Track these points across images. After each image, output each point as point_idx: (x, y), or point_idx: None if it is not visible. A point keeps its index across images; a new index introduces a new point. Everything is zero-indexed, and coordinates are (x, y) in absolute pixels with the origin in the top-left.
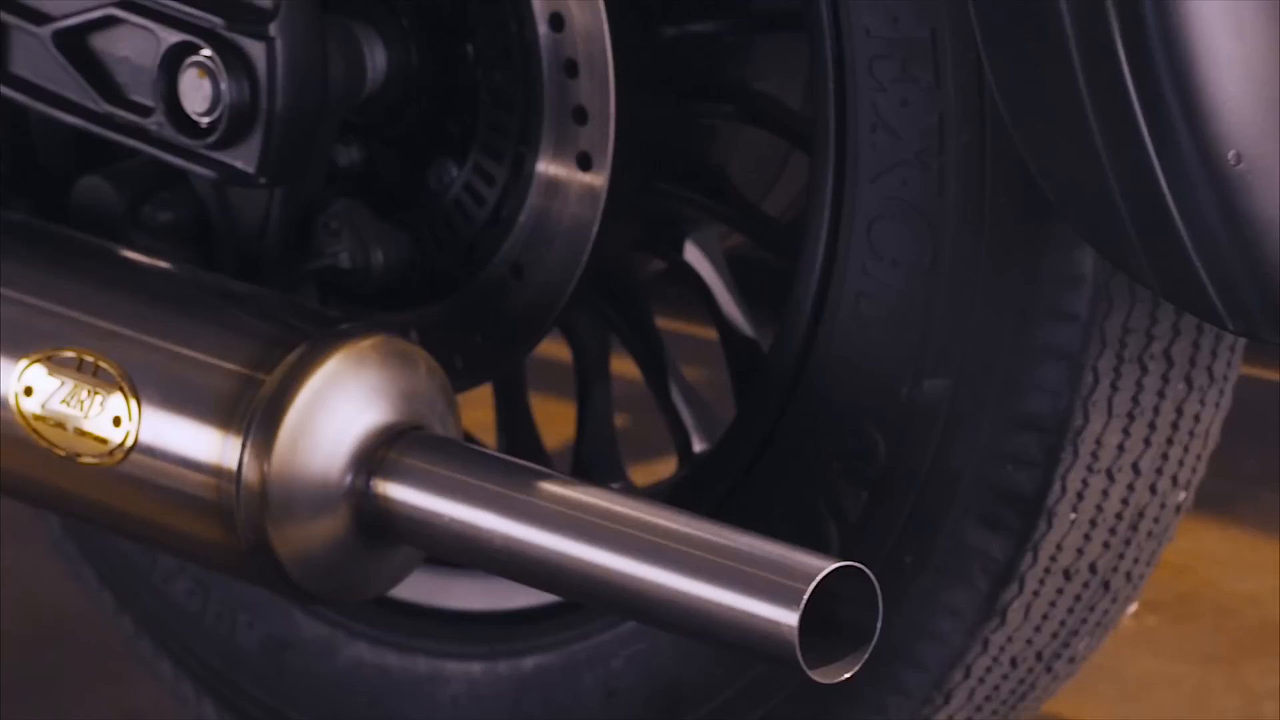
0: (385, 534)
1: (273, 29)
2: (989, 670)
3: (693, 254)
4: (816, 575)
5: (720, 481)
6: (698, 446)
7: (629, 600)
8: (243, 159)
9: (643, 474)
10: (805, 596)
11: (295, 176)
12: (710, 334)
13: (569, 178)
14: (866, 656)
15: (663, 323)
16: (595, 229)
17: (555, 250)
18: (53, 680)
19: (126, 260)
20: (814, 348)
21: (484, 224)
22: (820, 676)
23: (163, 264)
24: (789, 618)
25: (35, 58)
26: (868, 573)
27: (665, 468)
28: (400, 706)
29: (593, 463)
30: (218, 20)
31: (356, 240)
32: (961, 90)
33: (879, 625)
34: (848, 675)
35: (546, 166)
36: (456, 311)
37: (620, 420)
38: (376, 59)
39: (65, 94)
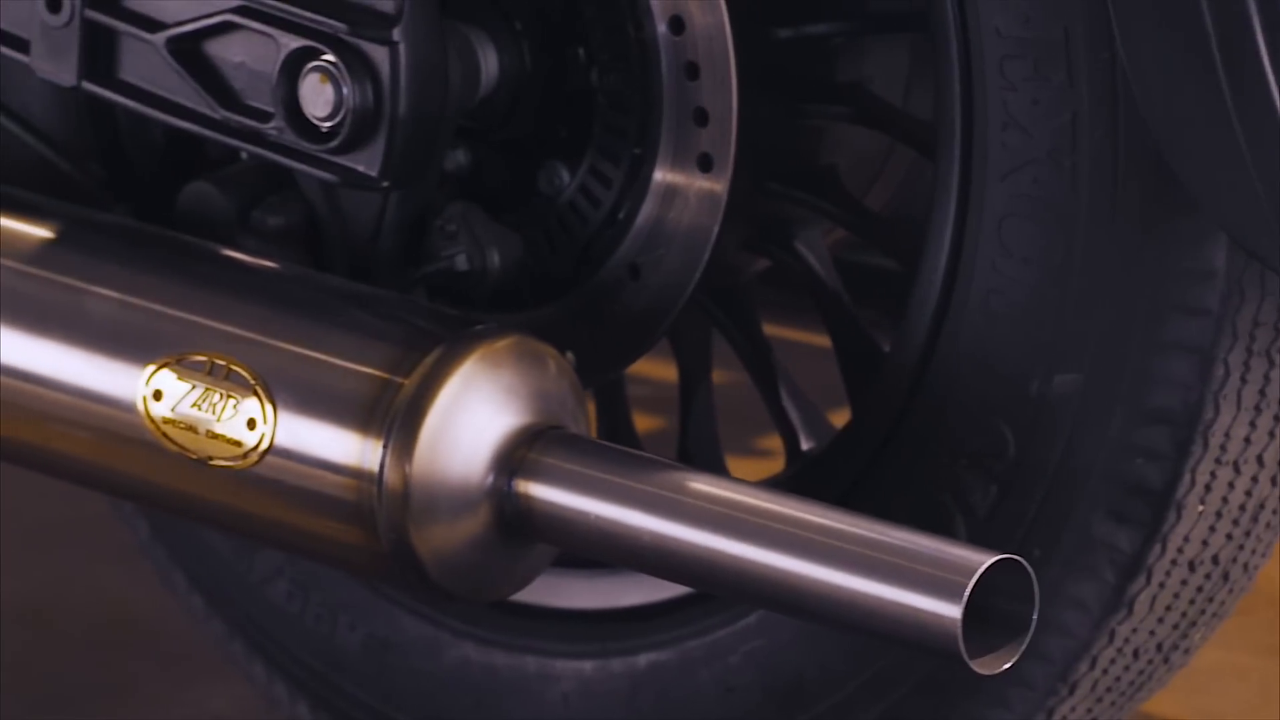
0: (525, 533)
1: (396, 33)
2: (1113, 662)
3: (804, 254)
4: (977, 569)
5: (837, 478)
6: (805, 445)
7: (786, 596)
8: (365, 163)
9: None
10: (968, 590)
11: (416, 180)
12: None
13: (689, 179)
14: (1024, 647)
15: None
16: (716, 230)
17: (674, 251)
18: (125, 685)
19: (246, 264)
20: (939, 345)
21: (599, 225)
22: (981, 668)
23: (284, 267)
24: (952, 611)
25: (147, 64)
26: (1025, 565)
27: (739, 468)
28: (508, 705)
29: (697, 465)
30: (340, 25)
31: (473, 243)
32: (1094, 89)
33: (1035, 616)
34: (1007, 666)
35: (666, 168)
36: (570, 313)
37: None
38: (489, 63)
39: (178, 100)
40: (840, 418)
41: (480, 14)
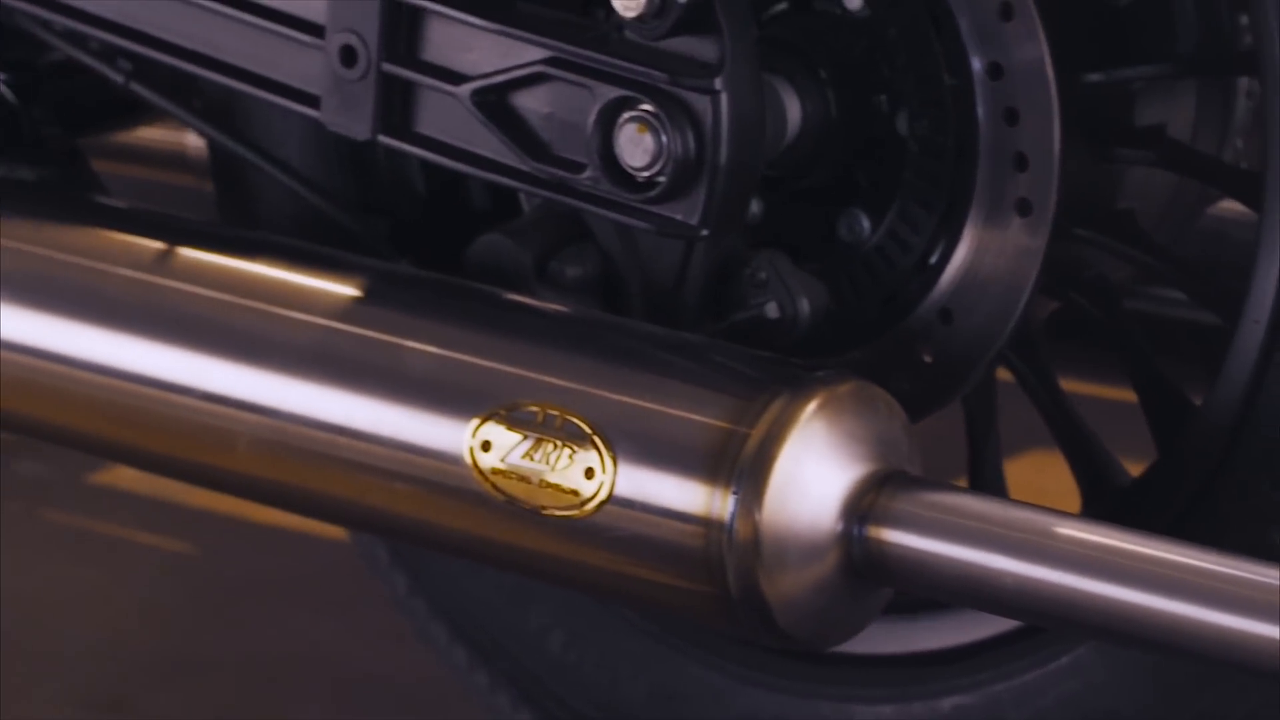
0: (874, 578)
1: (719, 82)
2: None
3: (1106, 300)
4: None
5: (1149, 518)
6: (1095, 488)
7: (1154, 633)
8: (684, 212)
9: None
10: None
11: (733, 228)
12: None
13: (1006, 224)
14: None
15: None
16: (1035, 274)
17: (990, 295)
18: None
19: (562, 313)
20: (1264, 388)
21: (909, 270)
22: None
23: (600, 315)
24: None
25: (448, 116)
26: None
27: None
28: None
29: None
30: (661, 75)
31: (783, 290)
32: None
33: None
34: None
35: (981, 213)
36: (877, 358)
37: None
38: (793, 111)
39: (481, 152)
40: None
41: (784, 62)
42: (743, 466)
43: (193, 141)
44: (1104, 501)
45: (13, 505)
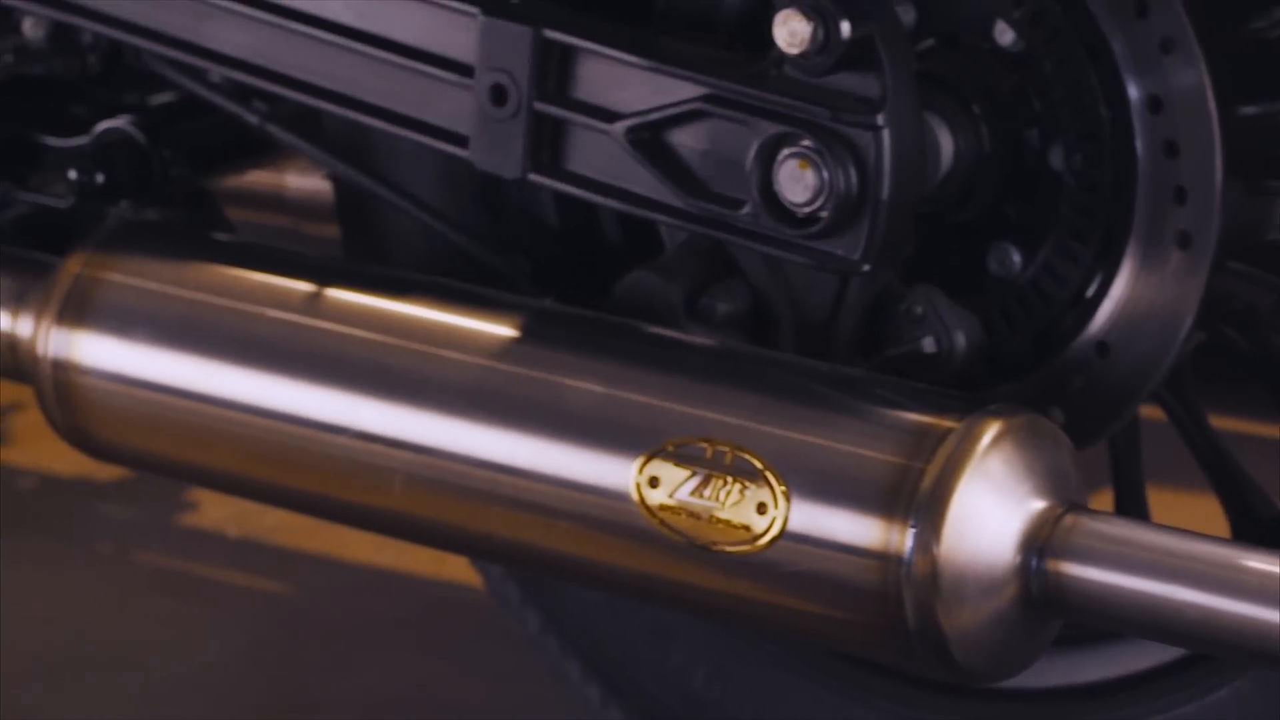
0: (1051, 611)
1: (881, 118)
2: None
3: (1257, 333)
4: None
5: None
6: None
7: None
8: (845, 247)
9: None
10: None
11: (893, 263)
12: None
13: (1165, 257)
14: None
15: None
16: (1195, 306)
17: (1149, 329)
18: None
19: (722, 349)
20: None
21: (1064, 304)
22: None
23: (759, 351)
24: None
25: (600, 153)
26: None
27: None
28: None
29: None
30: (823, 111)
31: (939, 325)
32: None
33: None
34: None
35: (1140, 246)
36: (1030, 393)
37: None
38: (945, 146)
39: (634, 189)
40: None
41: (936, 98)
42: (920, 501)
43: (293, 183)
44: (1253, 533)
45: (104, 546)
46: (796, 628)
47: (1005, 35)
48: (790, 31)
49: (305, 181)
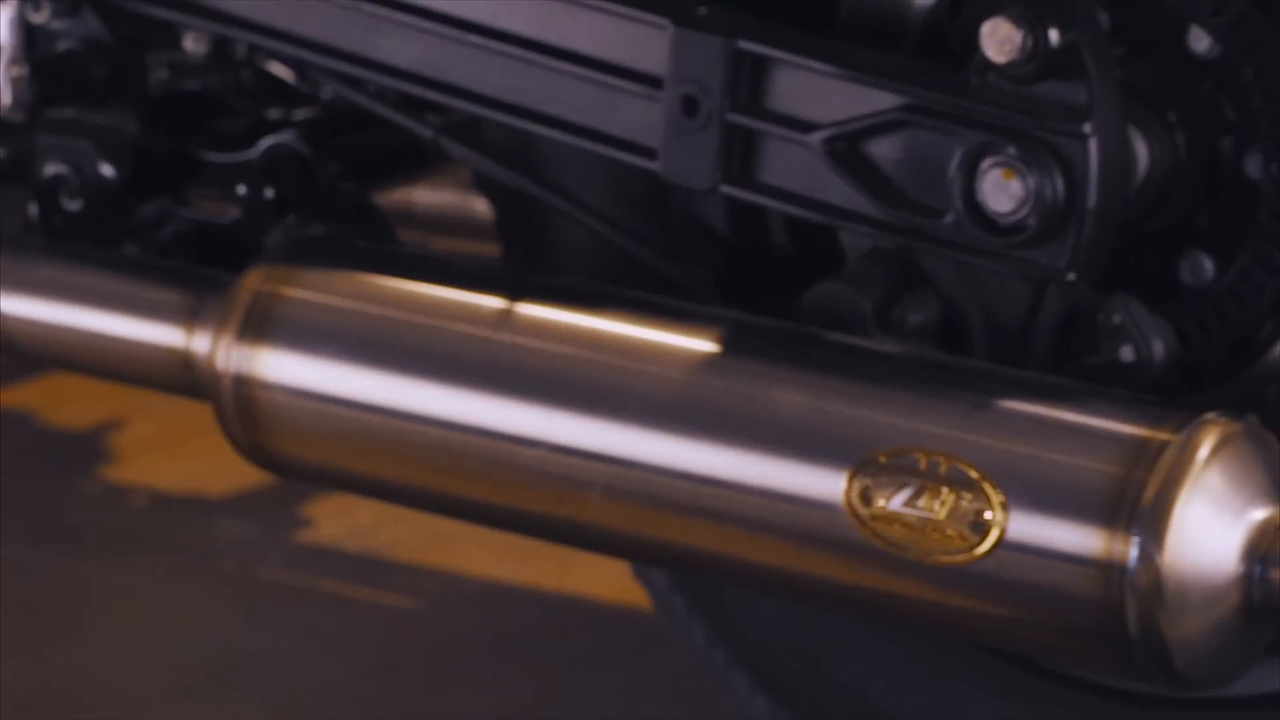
0: (1273, 619)
1: (1087, 126)
2: None
3: None
4: None
5: None
6: None
7: None
8: (1050, 256)
9: None
10: None
11: (1097, 272)
12: None
13: None
14: None
15: None
16: None
17: None
18: None
19: (926, 360)
20: None
21: (1262, 312)
22: None
23: (968, 362)
24: None
25: (795, 164)
26: None
27: None
28: None
29: None
30: (1028, 120)
31: (1138, 334)
32: None
33: None
34: None
35: None
36: (1227, 402)
37: None
38: (1141, 154)
39: (830, 200)
40: None
41: (1131, 105)
42: (1143, 510)
43: (421, 198)
44: None
45: (226, 563)
46: (1010, 636)
47: (1200, 42)
48: (1000, 40)
49: (434, 197)
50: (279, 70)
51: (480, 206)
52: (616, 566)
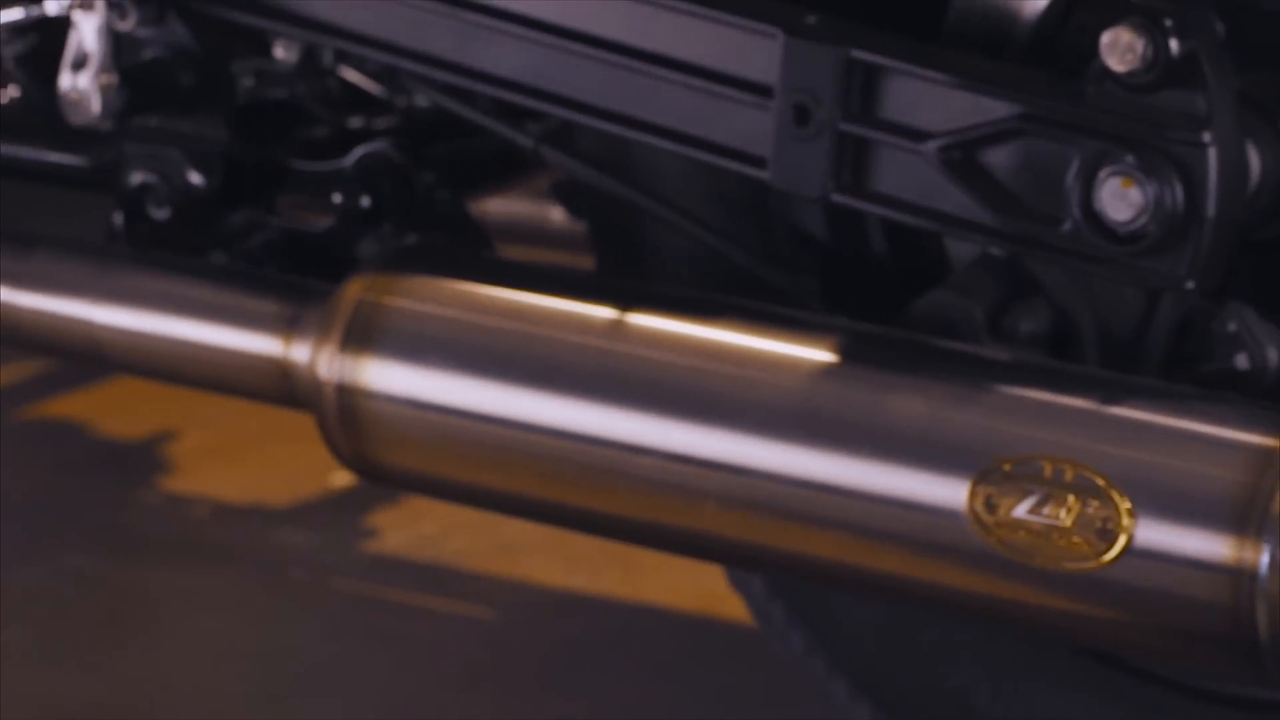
0: None
1: (1206, 136)
2: None
3: None
4: None
5: None
6: None
7: None
8: (1169, 264)
9: None
10: None
11: (1216, 280)
12: None
13: None
14: None
15: None
16: None
17: None
18: None
19: (1045, 367)
20: None
21: None
22: None
23: (1086, 370)
24: None
25: (908, 173)
26: None
27: None
28: None
29: None
30: (1148, 128)
31: (1253, 342)
32: None
33: None
34: None
35: None
36: None
37: None
38: (1253, 163)
39: (943, 208)
40: None
41: (1243, 114)
42: (1273, 516)
43: (494, 208)
44: None
45: (296, 573)
46: (1137, 643)
47: None
48: (1122, 49)
49: (506, 205)
50: (359, 79)
51: (554, 215)
52: (690, 577)
